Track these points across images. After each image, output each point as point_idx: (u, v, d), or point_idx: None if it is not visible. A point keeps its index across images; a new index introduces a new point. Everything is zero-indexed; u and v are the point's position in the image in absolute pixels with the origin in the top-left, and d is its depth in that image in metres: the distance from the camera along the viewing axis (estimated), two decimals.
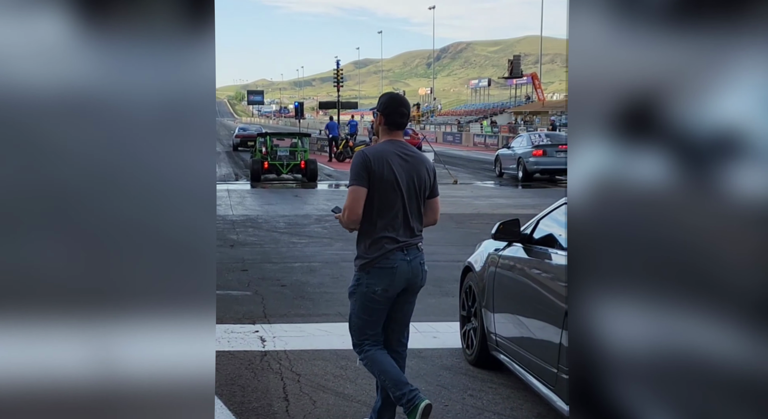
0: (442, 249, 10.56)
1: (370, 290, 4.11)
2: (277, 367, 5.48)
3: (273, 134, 24.37)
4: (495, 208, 15.66)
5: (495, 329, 5.17)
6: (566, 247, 4.48)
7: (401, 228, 4.11)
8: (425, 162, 4.26)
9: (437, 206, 4.30)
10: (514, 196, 19.18)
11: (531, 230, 4.98)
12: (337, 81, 43.42)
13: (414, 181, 4.13)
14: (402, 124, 4.24)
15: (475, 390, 5.07)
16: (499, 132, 50.47)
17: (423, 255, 4.23)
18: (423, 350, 5.89)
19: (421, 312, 7.08)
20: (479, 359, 5.46)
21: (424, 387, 5.08)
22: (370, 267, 4.09)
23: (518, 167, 22.50)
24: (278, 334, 6.30)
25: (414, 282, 4.19)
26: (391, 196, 4.07)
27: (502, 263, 5.17)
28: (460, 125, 65.68)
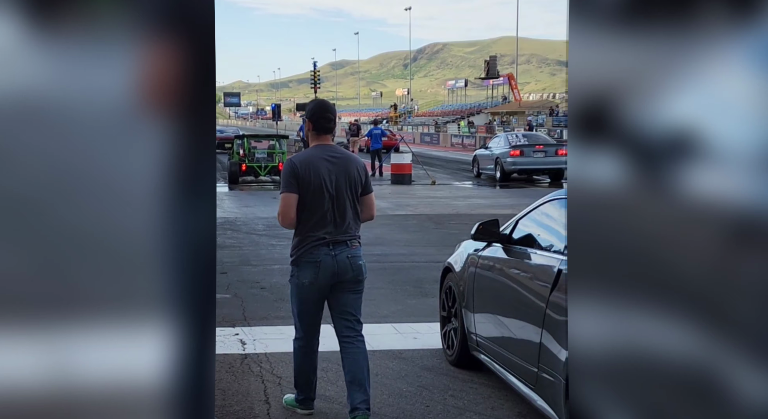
0: (421, 249, 10.59)
1: (300, 281, 4.47)
2: (257, 370, 5.47)
3: (250, 136, 24.27)
4: (473, 208, 15.71)
5: (475, 329, 5.19)
6: (545, 247, 4.51)
7: (330, 226, 4.42)
8: (354, 161, 4.57)
9: (372, 202, 4.64)
10: (492, 196, 19.25)
11: (510, 230, 5.00)
12: (314, 82, 43.40)
13: (343, 181, 4.45)
14: (329, 128, 4.57)
15: (456, 390, 5.08)
16: (477, 132, 50.69)
17: (355, 250, 4.50)
18: (403, 351, 5.90)
19: (401, 313, 7.11)
20: (460, 359, 5.48)
21: (404, 388, 5.10)
22: (299, 262, 4.45)
23: (496, 167, 22.58)
24: (258, 337, 6.29)
25: (343, 275, 4.46)
26: (319, 198, 4.40)
27: (481, 263, 5.19)
28: (437, 126, 65.87)
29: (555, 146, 22.97)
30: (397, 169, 21.82)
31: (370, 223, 5.06)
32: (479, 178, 23.97)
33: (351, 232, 4.49)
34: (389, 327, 6.61)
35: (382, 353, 5.82)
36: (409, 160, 22.25)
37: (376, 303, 7.42)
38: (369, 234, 12.22)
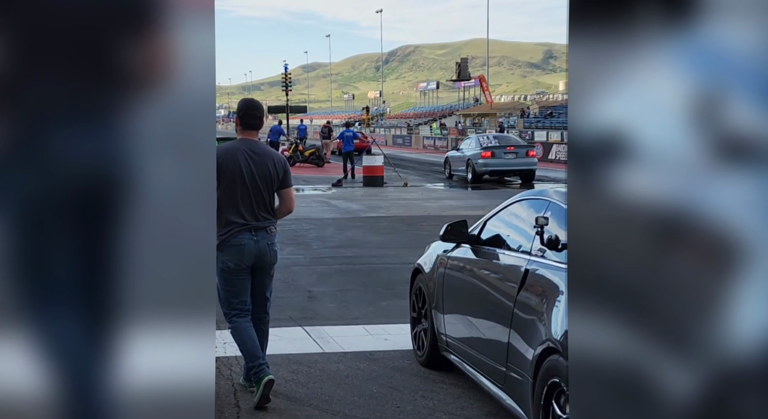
0: (393, 251, 10.61)
1: (225, 265, 4.79)
2: (227, 373, 5.45)
3: (221, 139, 24.17)
4: (445, 209, 15.77)
5: (445, 330, 5.21)
6: (513, 247, 4.55)
7: (247, 213, 4.80)
8: (273, 157, 4.96)
9: (290, 196, 5.05)
10: (464, 197, 19.33)
11: (479, 231, 5.03)
12: (285, 85, 43.25)
13: (259, 174, 4.82)
14: (254, 124, 5.00)
15: (427, 390, 5.10)
16: (449, 134, 50.80)
17: (273, 237, 4.92)
18: (374, 352, 5.91)
19: (373, 315, 7.11)
20: (430, 360, 5.50)
21: (375, 389, 5.10)
22: (222, 246, 4.75)
23: (467, 169, 22.67)
24: (229, 340, 6.22)
25: (263, 259, 4.87)
26: (237, 187, 4.76)
27: (450, 264, 5.21)
28: (409, 128, 65.94)
29: (526, 147, 23.13)
30: (369, 171, 21.83)
31: (342, 225, 5.12)
32: (451, 179, 24.05)
33: (268, 220, 4.88)
34: (360, 328, 6.61)
35: (353, 355, 5.82)
36: (381, 162, 22.27)
37: (348, 305, 7.42)
38: (341, 237, 12.24)
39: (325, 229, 12.68)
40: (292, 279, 8.62)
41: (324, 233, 12.28)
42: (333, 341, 6.18)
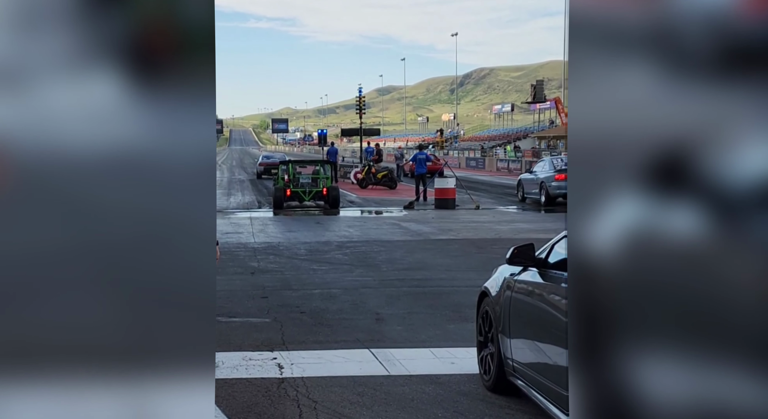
0: (462, 274, 10.53)
1: None
2: (293, 394, 5.47)
3: (295, 162, 24.50)
4: (517, 232, 15.59)
5: (512, 354, 5.13)
6: None
7: None
8: None
9: None
10: (536, 220, 19.09)
11: (546, 254, 4.95)
12: (359, 108, 43.62)
13: None
14: None
15: (492, 416, 5.02)
16: (523, 156, 50.37)
17: None
18: (440, 376, 5.85)
19: (440, 338, 7.06)
20: (496, 385, 5.42)
21: (440, 413, 5.05)
22: None
23: (541, 191, 22.41)
24: (296, 361, 6.30)
25: None
26: None
27: (517, 288, 5.14)
28: (483, 150, 65.64)
29: None
30: (441, 193, 21.77)
31: (412, 247, 5.13)
32: (524, 202, 23.80)
33: None
34: (427, 351, 6.57)
35: (419, 378, 5.78)
36: (453, 185, 22.19)
37: (415, 327, 7.39)
38: (410, 259, 12.21)
39: (395, 251, 12.71)
40: (360, 301, 8.63)
41: (393, 255, 12.30)
42: (399, 364, 6.16)
